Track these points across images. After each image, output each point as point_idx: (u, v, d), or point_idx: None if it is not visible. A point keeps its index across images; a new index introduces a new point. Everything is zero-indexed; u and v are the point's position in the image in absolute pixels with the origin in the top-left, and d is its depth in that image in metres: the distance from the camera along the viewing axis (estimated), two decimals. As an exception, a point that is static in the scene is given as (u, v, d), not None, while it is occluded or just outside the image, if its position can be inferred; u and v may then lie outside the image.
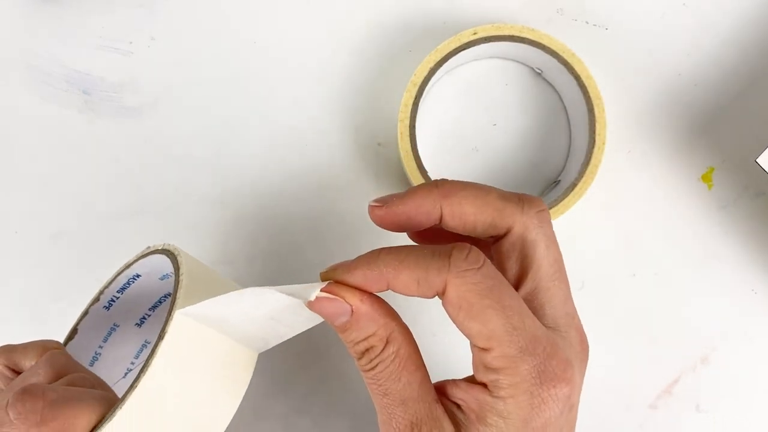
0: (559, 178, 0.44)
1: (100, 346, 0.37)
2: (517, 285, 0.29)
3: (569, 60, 0.41)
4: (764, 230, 0.44)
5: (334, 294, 0.27)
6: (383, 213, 0.29)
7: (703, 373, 0.44)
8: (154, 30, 0.45)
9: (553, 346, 0.26)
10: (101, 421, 0.28)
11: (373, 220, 0.30)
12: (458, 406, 0.28)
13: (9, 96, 0.45)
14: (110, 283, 0.35)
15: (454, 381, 0.29)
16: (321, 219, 0.45)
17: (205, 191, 0.45)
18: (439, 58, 0.41)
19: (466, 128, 0.45)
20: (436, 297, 0.27)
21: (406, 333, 0.28)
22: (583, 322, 0.46)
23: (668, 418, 0.44)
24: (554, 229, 0.32)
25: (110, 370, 0.37)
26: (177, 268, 0.30)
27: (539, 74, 0.44)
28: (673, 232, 0.44)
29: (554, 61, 0.41)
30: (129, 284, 0.35)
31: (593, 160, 0.41)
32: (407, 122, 0.41)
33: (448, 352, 0.43)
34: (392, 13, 0.45)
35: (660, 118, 0.44)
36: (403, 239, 0.32)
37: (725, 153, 0.44)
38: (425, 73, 0.41)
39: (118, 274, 0.35)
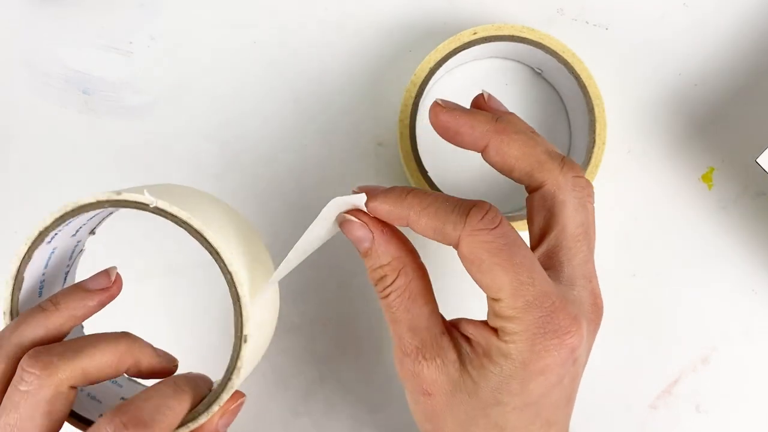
0: (559, 178, 0.44)
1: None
2: (540, 239, 0.32)
3: (569, 60, 0.41)
4: (764, 230, 0.44)
5: (361, 219, 0.31)
6: (441, 114, 0.32)
7: (703, 373, 0.44)
8: (154, 30, 0.45)
9: (562, 302, 0.29)
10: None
11: (429, 117, 0.33)
12: (468, 340, 0.30)
13: (9, 96, 0.45)
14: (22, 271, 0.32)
15: (468, 319, 0.31)
16: (321, 219, 0.45)
17: (205, 191, 0.45)
18: (439, 58, 0.41)
19: (466, 128, 0.45)
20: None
21: (418, 269, 0.31)
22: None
23: (668, 418, 0.44)
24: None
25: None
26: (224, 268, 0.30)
27: (539, 74, 0.44)
28: (673, 232, 0.44)
29: (554, 61, 0.41)
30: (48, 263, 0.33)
31: (593, 160, 0.41)
32: (407, 122, 0.41)
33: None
34: (392, 13, 0.45)
35: (660, 118, 0.44)
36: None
37: (725, 153, 0.44)
38: (425, 73, 0.41)
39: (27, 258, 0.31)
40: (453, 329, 0.31)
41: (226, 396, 0.30)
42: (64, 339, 0.31)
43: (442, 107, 0.32)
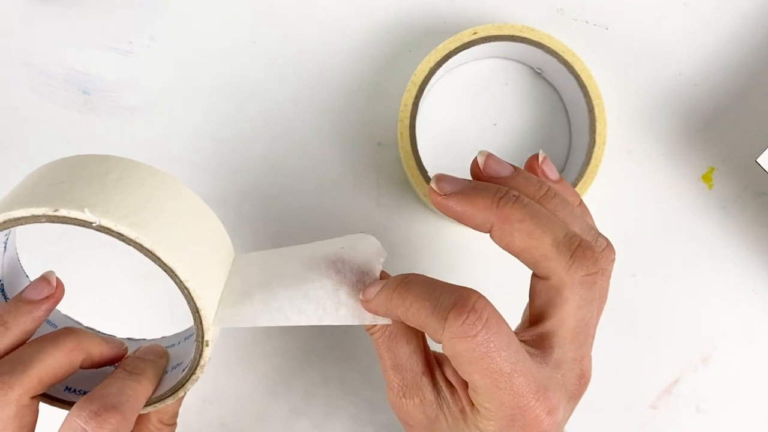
0: (559, 178, 0.44)
1: None
2: (536, 320, 0.31)
3: (569, 60, 0.41)
4: (764, 230, 0.44)
5: None
6: (439, 202, 0.31)
7: (703, 373, 0.44)
8: (154, 30, 0.45)
9: (538, 399, 0.28)
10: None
11: (430, 200, 0.31)
12: (450, 385, 0.31)
13: (9, 96, 0.45)
14: None
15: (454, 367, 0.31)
16: (321, 219, 0.45)
17: (204, 191, 0.45)
18: (439, 58, 0.41)
19: (466, 128, 0.45)
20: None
21: None
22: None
23: (668, 418, 0.44)
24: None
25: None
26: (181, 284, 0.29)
27: (539, 74, 0.44)
28: (673, 232, 0.44)
29: (554, 61, 0.41)
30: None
31: (593, 160, 0.41)
32: (407, 122, 0.41)
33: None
34: (392, 13, 0.45)
35: (660, 118, 0.44)
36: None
37: (725, 153, 0.44)
38: (425, 73, 0.41)
39: None
40: (436, 368, 0.32)
41: (190, 385, 0.32)
42: None
43: (437, 194, 0.30)
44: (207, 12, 0.45)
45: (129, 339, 0.36)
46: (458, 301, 0.27)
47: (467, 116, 0.45)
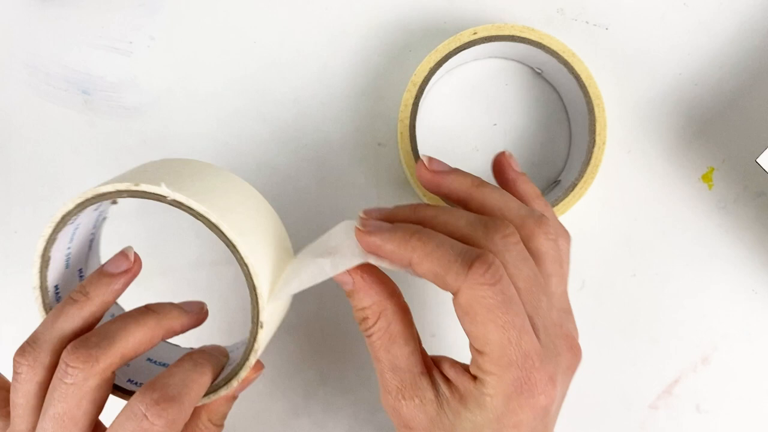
0: (559, 178, 0.44)
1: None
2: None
3: (569, 60, 0.41)
4: (764, 230, 0.44)
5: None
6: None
7: (703, 373, 0.44)
8: (154, 30, 0.45)
9: (541, 362, 0.30)
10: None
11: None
12: (448, 382, 0.32)
13: (9, 96, 0.45)
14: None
15: (452, 361, 0.32)
16: (321, 219, 0.45)
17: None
18: (439, 58, 0.41)
19: (466, 128, 0.45)
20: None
21: (399, 311, 0.32)
22: (583, 322, 0.46)
23: (668, 418, 0.44)
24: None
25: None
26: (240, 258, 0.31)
27: (539, 74, 0.44)
28: (673, 232, 0.44)
29: (554, 61, 0.41)
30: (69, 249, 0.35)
31: (593, 160, 0.41)
32: (407, 122, 0.41)
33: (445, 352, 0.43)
34: (392, 13, 0.45)
35: (660, 118, 0.44)
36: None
37: (725, 153, 0.44)
38: (425, 73, 0.41)
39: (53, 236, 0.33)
40: (433, 368, 0.32)
41: (243, 373, 0.33)
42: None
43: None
44: (207, 12, 0.45)
45: (190, 349, 0.37)
46: (480, 254, 0.29)
47: (467, 116, 0.45)
